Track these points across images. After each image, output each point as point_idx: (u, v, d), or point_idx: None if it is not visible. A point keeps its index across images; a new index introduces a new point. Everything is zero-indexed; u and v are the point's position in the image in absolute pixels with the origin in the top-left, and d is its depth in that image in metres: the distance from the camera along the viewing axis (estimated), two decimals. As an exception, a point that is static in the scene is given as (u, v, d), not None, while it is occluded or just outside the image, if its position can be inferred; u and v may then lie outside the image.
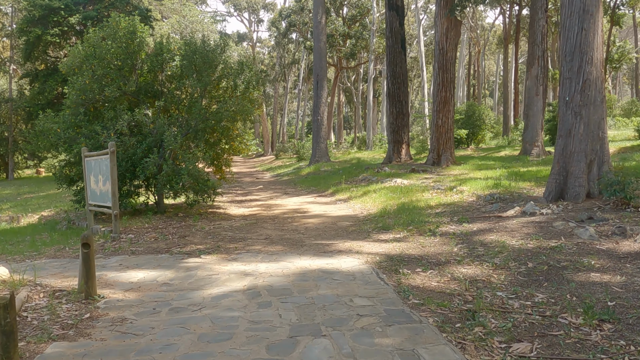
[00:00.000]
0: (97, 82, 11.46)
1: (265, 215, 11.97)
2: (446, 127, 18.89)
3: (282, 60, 58.43)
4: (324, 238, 8.31)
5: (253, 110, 11.86)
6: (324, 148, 27.13)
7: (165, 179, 10.88)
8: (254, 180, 25.41)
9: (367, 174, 18.43)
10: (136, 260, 6.95)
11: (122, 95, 12.01)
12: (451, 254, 6.51)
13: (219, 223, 10.50)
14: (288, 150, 45.36)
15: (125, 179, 11.30)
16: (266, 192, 18.16)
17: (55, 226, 11.73)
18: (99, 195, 9.72)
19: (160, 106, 12.04)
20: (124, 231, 9.54)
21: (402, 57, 21.64)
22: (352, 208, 12.41)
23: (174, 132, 11.18)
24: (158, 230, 9.52)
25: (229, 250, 7.40)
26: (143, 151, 11.19)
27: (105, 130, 11.17)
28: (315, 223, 10.19)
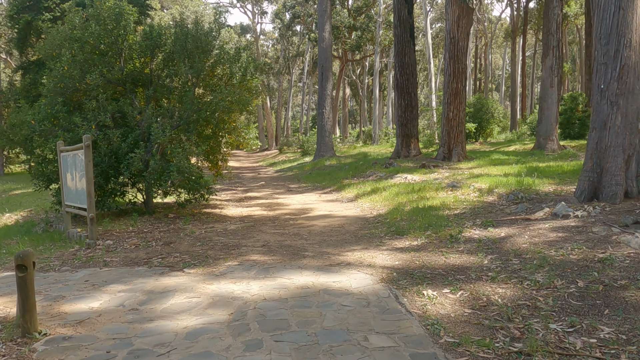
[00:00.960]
0: (77, 68, 10.33)
1: (265, 215, 10.86)
2: (457, 120, 17.72)
3: (287, 53, 57.29)
4: (330, 245, 7.19)
5: (251, 100, 10.72)
6: (329, 142, 25.98)
7: (152, 176, 9.78)
8: (256, 176, 24.30)
9: (374, 169, 17.30)
10: (107, 275, 5.85)
11: (106, 84, 10.89)
12: (481, 268, 5.37)
13: (211, 226, 9.39)
14: (292, 145, 44.28)
15: (109, 176, 10.19)
16: (268, 189, 17.05)
17: (31, 229, 10.66)
18: (76, 194, 8.63)
19: (149, 96, 10.92)
20: (103, 236, 8.45)
21: (410, 46, 20.44)
22: (360, 207, 11.28)
23: (163, 124, 10.06)
24: (142, 235, 8.43)
25: (219, 262, 6.28)
26: (129, 145, 10.08)
27: (86, 122, 10.06)
28: (320, 226, 9.07)
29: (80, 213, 8.46)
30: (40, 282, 5.69)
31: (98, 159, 9.94)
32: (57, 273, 6.17)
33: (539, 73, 73.54)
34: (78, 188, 8.49)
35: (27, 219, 12.34)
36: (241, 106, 10.59)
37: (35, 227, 10.77)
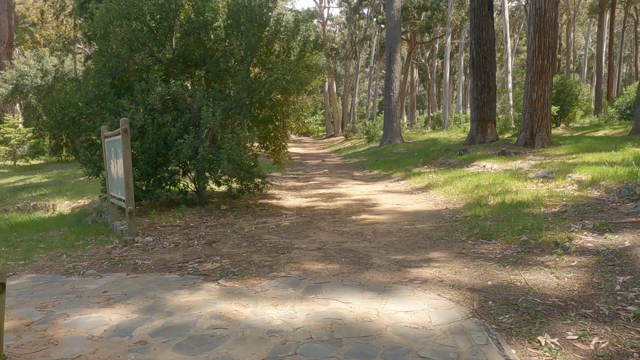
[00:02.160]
0: (126, 47, 9.58)
1: (324, 208, 9.70)
2: (542, 102, 15.64)
3: (353, 37, 55.73)
4: (399, 251, 5.88)
5: (310, 78, 9.51)
6: (396, 127, 24.40)
7: (201, 164, 8.88)
8: (320, 163, 23.23)
9: (447, 156, 15.66)
10: (131, 284, 4.91)
11: (156, 63, 10.10)
12: (615, 298, 3.87)
13: (264, 221, 8.35)
14: (358, 131, 42.92)
15: (158, 164, 9.41)
16: (330, 177, 15.89)
17: (83, 219, 10.14)
18: (117, 184, 7.86)
19: (201, 77, 10.02)
20: (145, 230, 7.63)
21: (488, 21, 18.40)
22: (432, 200, 9.84)
23: (214, 106, 9.10)
24: (185, 231, 7.51)
25: (262, 271, 5.16)
26: (178, 130, 9.23)
27: (134, 105, 9.31)
28: (387, 223, 7.77)
29: (121, 205, 7.68)
30: (55, 290, 4.85)
31: (146, 145, 9.18)
32: (80, 278, 5.33)
33: (625, 52, 66.87)
34: (120, 176, 7.70)
35: (84, 207, 11.95)
36: (299, 85, 9.41)
37: (87, 217, 10.26)
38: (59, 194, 14.06)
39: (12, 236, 8.28)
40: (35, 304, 4.36)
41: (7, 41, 34.49)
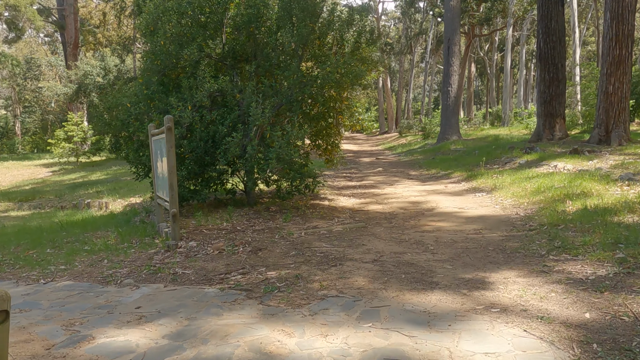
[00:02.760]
0: (174, 43, 9.27)
1: (379, 211, 9.02)
2: (619, 95, 14.18)
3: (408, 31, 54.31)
4: (468, 266, 5.13)
5: (365, 72, 8.84)
6: (454, 124, 23.24)
7: (249, 163, 8.42)
8: (374, 160, 22.47)
9: (511, 154, 14.54)
10: (167, 299, 4.45)
11: (205, 59, 9.75)
12: None
13: (315, 225, 7.78)
14: (413, 127, 41.72)
15: (206, 164, 9.04)
16: (385, 176, 15.15)
17: (132, 219, 9.95)
18: (162, 184, 7.52)
19: (251, 72, 9.59)
20: (190, 234, 7.24)
21: (558, 8, 17.00)
22: (499, 204, 8.94)
23: (263, 103, 8.62)
24: (231, 236, 7.05)
25: (311, 288, 4.57)
26: (227, 128, 8.83)
27: (182, 102, 8.98)
28: (450, 230, 7.00)
29: (166, 206, 7.32)
30: (88, 302, 4.47)
31: (193, 143, 8.83)
32: (116, 288, 4.94)
33: None
34: (165, 176, 7.35)
35: (134, 206, 11.84)
36: (353, 79, 8.75)
37: (136, 217, 10.07)
38: (113, 191, 14.11)
39: (60, 236, 8.14)
40: (63, 320, 3.98)
41: (73, 43, 35.84)
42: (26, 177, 24.47)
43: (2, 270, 5.86)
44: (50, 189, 17.45)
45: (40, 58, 46.74)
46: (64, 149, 27.22)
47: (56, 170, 26.07)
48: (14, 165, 29.33)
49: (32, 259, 6.39)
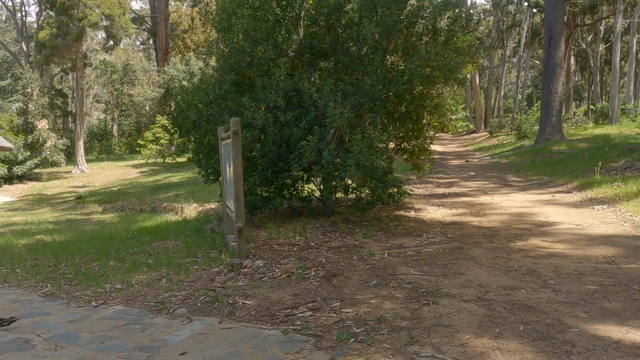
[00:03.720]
0: (248, 39, 8.60)
1: (476, 225, 7.76)
2: None
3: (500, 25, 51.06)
4: (611, 315, 3.82)
5: (462, 64, 7.60)
6: (556, 122, 20.94)
7: (326, 170, 7.53)
8: (463, 163, 20.82)
9: (632, 158, 12.49)
10: (217, 342, 3.63)
11: (280, 56, 9.00)
12: None
13: (400, 243, 6.70)
14: (505, 127, 38.96)
15: (278, 170, 8.27)
16: (477, 181, 13.65)
17: (203, 227, 9.44)
18: (230, 192, 6.82)
19: (330, 69, 8.70)
20: (258, 249, 6.46)
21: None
22: (628, 221, 7.33)
23: (342, 102, 7.69)
24: (303, 255, 6.17)
25: (397, 340, 3.53)
26: (302, 131, 8.00)
27: (255, 103, 8.28)
28: (571, 256, 5.63)
29: (232, 217, 6.61)
30: (130, 339, 3.76)
31: (266, 147, 8.09)
32: (167, 320, 4.22)
33: None
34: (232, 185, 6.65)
35: (208, 212, 11.40)
36: (447, 73, 7.56)
37: (207, 225, 9.56)
38: (191, 195, 13.87)
39: (128, 245, 7.72)
40: None
41: (164, 48, 37.23)
42: (117, 177, 25.46)
43: (59, 286, 5.39)
44: (135, 190, 17.74)
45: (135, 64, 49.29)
46: (151, 150, 28.10)
47: (145, 171, 26.94)
48: (109, 165, 30.82)
49: (92, 274, 5.91)
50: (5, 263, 6.68)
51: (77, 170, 28.70)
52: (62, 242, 8.11)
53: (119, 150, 47.06)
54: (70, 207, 14.98)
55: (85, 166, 29.11)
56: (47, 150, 29.51)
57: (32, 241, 8.51)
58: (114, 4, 25.55)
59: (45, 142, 29.66)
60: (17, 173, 24.48)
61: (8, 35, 51.42)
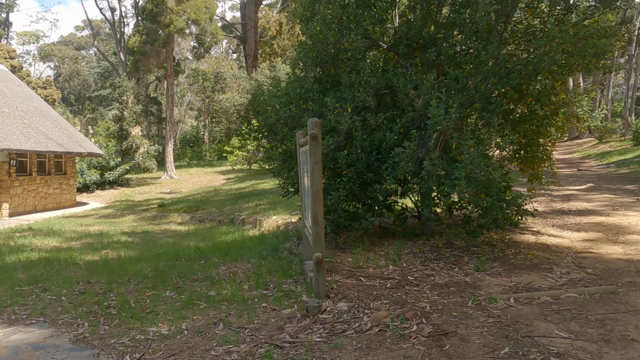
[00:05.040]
0: (333, 29, 7.39)
1: (621, 257, 5.94)
2: None
3: (607, 22, 46.14)
4: None
5: (609, 46, 5.81)
6: (693, 126, 17.72)
7: (427, 184, 6.08)
8: (575, 172, 18.21)
9: None
10: None
11: (370, 48, 7.71)
12: None
13: (527, 281, 5.08)
14: (616, 132, 34.82)
15: (368, 181, 6.94)
16: (601, 195, 11.41)
17: (280, 244, 8.33)
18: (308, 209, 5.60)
19: (429, 61, 7.27)
20: (342, 283, 5.15)
21: None
22: None
23: (447, 100, 6.22)
24: (399, 295, 4.76)
25: None
26: (397, 135, 6.63)
27: (340, 103, 7.03)
28: None
29: (309, 240, 5.37)
30: None
31: (353, 155, 6.80)
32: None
33: None
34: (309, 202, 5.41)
35: (288, 226, 10.31)
36: (588, 59, 5.81)
37: (285, 243, 8.44)
38: (272, 206, 12.92)
39: (192, 268, 6.74)
40: None
41: (253, 55, 37.39)
42: (203, 184, 25.45)
43: (95, 328, 4.43)
44: (217, 199, 17.23)
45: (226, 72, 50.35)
46: (237, 156, 27.93)
47: (231, 177, 26.76)
48: (197, 172, 31.17)
49: (140, 309, 4.92)
50: (56, 286, 5.93)
51: (166, 176, 29.23)
52: (124, 261, 7.34)
53: (209, 157, 48.19)
54: (151, 217, 14.64)
55: (174, 172, 29.60)
56: (139, 156, 30.40)
57: (95, 257, 7.86)
58: (200, 9, 25.64)
59: (138, 149, 30.58)
60: (108, 179, 25.22)
61: (109, 46, 54.81)
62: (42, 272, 6.73)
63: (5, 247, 8.97)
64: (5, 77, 19.56)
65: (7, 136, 14.92)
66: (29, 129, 16.76)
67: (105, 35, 58.44)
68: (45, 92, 40.09)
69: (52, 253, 8.28)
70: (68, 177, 19.79)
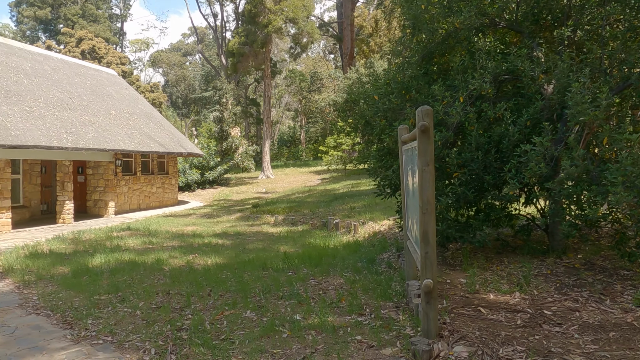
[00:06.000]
0: (441, 6, 6.28)
1: None
2: None
3: None
4: None
5: None
6: None
7: (565, 190, 4.80)
8: None
9: None
10: None
11: (486, 27, 6.49)
12: None
13: None
14: None
15: (485, 186, 5.75)
16: None
17: (377, 255, 7.36)
18: (413, 218, 4.59)
19: (563, 38, 5.91)
20: (456, 315, 4.08)
21: None
22: None
23: (591, 85, 4.89)
24: (536, 339, 3.59)
25: None
26: (522, 130, 5.40)
27: (451, 92, 5.92)
28: None
29: (415, 259, 4.35)
30: None
31: (466, 154, 5.66)
32: None
33: None
34: (416, 212, 4.41)
35: (386, 233, 9.30)
36: None
37: (382, 254, 7.47)
38: (368, 209, 11.97)
39: (279, 282, 6.00)
40: None
41: (349, 54, 36.77)
42: (299, 184, 25.15)
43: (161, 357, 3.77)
44: (311, 200, 16.62)
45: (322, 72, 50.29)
46: (332, 156, 27.34)
47: (325, 178, 26.23)
48: (293, 171, 31.09)
49: (214, 334, 4.22)
50: (135, 295, 5.47)
51: (262, 176, 29.42)
52: (209, 268, 6.79)
53: (305, 156, 48.38)
54: (245, 217, 14.34)
55: (270, 172, 29.72)
56: (238, 156, 30.94)
57: (182, 262, 7.42)
58: (298, 7, 25.33)
59: (237, 149, 31.14)
60: (208, 178, 25.78)
61: (212, 51, 57.11)
62: (125, 278, 6.36)
63: (101, 247, 8.91)
64: (114, 81, 20.54)
65: (113, 137, 15.44)
66: (134, 130, 17.32)
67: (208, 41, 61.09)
68: (153, 95, 42.47)
69: (142, 256, 8.02)
70: (170, 177, 20.33)
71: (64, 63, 17.79)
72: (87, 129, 14.62)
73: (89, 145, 13.80)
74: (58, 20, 45.97)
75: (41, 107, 13.68)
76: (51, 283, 6.24)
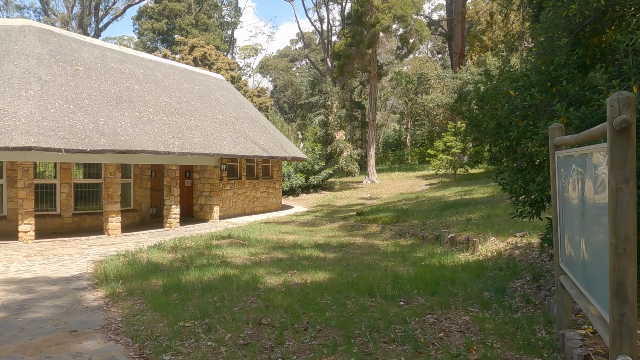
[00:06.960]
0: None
1: None
2: None
3: None
4: None
5: None
6: None
7: None
8: None
9: None
10: None
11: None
12: None
13: None
14: None
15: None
16: None
17: (508, 282, 6.05)
18: (577, 260, 3.33)
19: None
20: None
21: None
22: None
23: None
24: None
25: None
26: None
27: (618, 79, 4.52)
28: None
29: (590, 316, 3.09)
30: None
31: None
32: None
33: None
34: (584, 249, 3.16)
35: (513, 253, 7.87)
36: None
37: (515, 282, 6.14)
38: (487, 221, 10.50)
39: (388, 314, 4.97)
40: None
41: (459, 52, 34.72)
42: (405, 189, 23.86)
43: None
44: (420, 208, 15.32)
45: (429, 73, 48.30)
46: (441, 160, 25.64)
47: (433, 183, 24.64)
48: (398, 176, 29.80)
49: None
50: (222, 324, 4.75)
51: (367, 180, 28.49)
52: (308, 291, 5.94)
53: (411, 160, 46.71)
54: (348, 226, 13.47)
55: (375, 176, 28.69)
56: (342, 160, 30.32)
57: (279, 280, 6.65)
58: (407, 4, 24.03)
59: (341, 153, 30.55)
60: (312, 182, 25.37)
61: (319, 56, 57.36)
62: (216, 299, 5.73)
63: (198, 258, 8.51)
64: (221, 85, 20.83)
65: (218, 142, 15.43)
66: (238, 134, 17.27)
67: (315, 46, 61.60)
68: (260, 100, 43.46)
69: (238, 269, 7.43)
70: (274, 181, 20.14)
71: (174, 69, 18.26)
72: (194, 134, 14.69)
73: (194, 149, 13.79)
74: (174, 30, 48.91)
75: (150, 112, 13.94)
76: (140, 300, 5.79)
